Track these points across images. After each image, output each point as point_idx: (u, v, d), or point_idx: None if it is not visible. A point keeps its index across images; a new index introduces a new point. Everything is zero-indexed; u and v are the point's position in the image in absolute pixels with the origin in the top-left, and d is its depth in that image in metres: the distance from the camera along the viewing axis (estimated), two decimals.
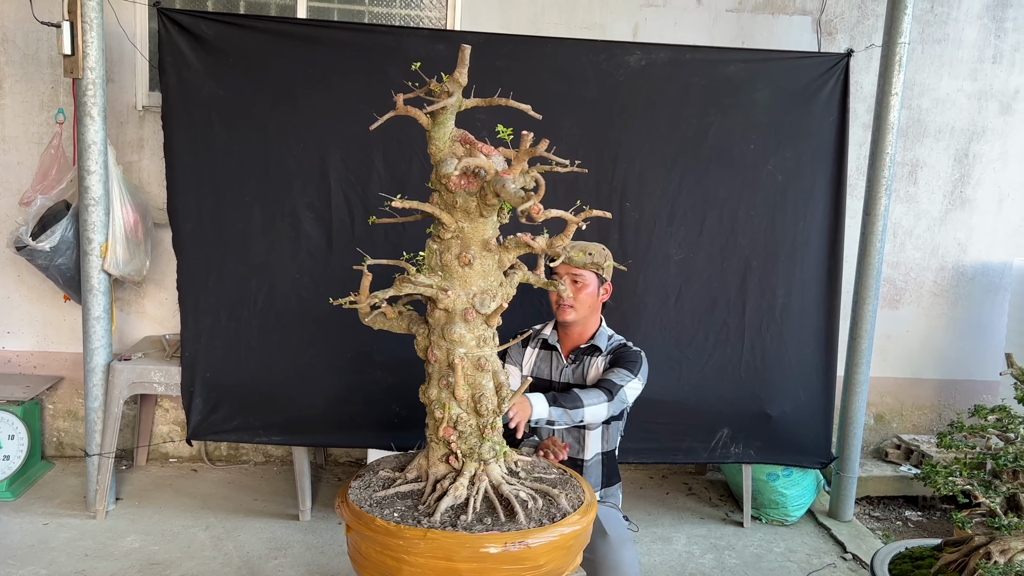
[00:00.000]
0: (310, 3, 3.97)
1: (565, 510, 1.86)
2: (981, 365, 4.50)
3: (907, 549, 2.50)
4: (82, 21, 3.22)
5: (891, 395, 4.54)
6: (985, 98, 4.33)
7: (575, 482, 2.05)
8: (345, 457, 4.30)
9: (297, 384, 3.52)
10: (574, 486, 2.02)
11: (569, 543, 1.82)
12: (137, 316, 4.07)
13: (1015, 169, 4.41)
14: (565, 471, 2.13)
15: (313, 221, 3.48)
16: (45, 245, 3.51)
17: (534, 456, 2.18)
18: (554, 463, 2.21)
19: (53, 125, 3.85)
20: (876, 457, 4.44)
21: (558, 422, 2.42)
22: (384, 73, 3.42)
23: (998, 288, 4.48)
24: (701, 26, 4.11)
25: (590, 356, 2.68)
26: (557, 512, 1.85)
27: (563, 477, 2.08)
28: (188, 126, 3.39)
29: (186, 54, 3.35)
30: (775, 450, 3.72)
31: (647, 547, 3.52)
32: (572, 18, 4.04)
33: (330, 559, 3.27)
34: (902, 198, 4.35)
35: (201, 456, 4.20)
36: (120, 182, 3.51)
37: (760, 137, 3.60)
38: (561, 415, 2.41)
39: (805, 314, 3.71)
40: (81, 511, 3.55)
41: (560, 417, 2.41)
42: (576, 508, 1.88)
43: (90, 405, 3.49)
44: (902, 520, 4.07)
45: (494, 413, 1.92)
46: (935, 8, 4.23)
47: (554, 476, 2.07)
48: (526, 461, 2.07)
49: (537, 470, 2.07)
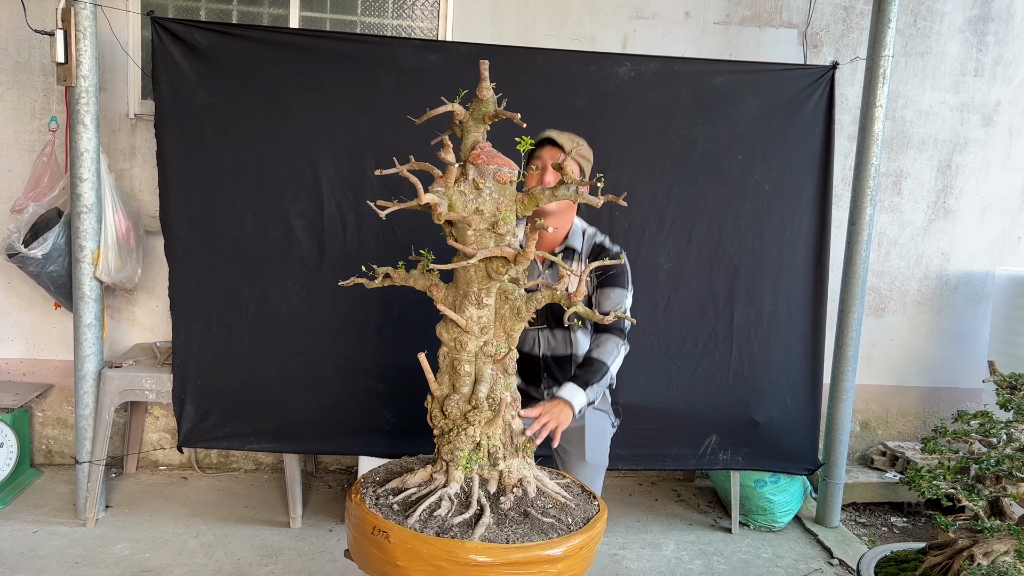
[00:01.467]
0: (303, 13, 4.00)
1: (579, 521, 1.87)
2: (964, 372, 4.56)
3: (892, 552, 2.53)
4: (75, 29, 3.23)
5: (876, 402, 4.59)
6: (967, 110, 4.41)
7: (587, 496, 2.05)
8: (336, 464, 4.30)
9: (288, 391, 3.53)
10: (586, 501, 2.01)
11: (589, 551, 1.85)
12: (128, 323, 4.07)
13: (996, 180, 4.48)
14: (574, 482, 2.13)
15: (305, 229, 3.50)
16: (37, 252, 3.51)
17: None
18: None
19: (45, 132, 3.86)
20: (862, 464, 4.49)
21: (598, 399, 2.45)
22: (376, 83, 3.46)
23: (981, 297, 4.54)
24: (689, 38, 4.16)
25: (568, 260, 2.61)
26: (572, 521, 1.87)
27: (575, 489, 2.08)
28: (181, 134, 3.41)
29: (179, 63, 3.37)
30: (763, 457, 3.76)
31: (636, 553, 3.55)
32: (562, 29, 4.08)
33: (321, 566, 3.28)
34: (887, 208, 4.41)
35: (191, 464, 4.19)
36: (112, 190, 3.52)
37: (747, 147, 3.65)
38: (598, 391, 2.44)
39: (792, 322, 3.75)
40: (71, 519, 3.54)
41: (599, 394, 2.45)
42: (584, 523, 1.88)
43: (80, 412, 3.48)
44: (888, 526, 4.11)
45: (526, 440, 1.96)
46: (918, 22, 4.30)
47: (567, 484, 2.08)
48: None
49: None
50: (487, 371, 1.88)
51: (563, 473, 2.19)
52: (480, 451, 1.87)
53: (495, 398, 1.88)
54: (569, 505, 1.91)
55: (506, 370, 1.92)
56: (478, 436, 1.87)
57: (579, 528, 1.83)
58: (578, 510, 1.91)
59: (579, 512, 1.90)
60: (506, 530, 1.76)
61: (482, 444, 1.87)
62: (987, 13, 4.35)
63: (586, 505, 1.96)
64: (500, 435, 1.88)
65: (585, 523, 1.86)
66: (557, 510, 1.88)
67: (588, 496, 2.03)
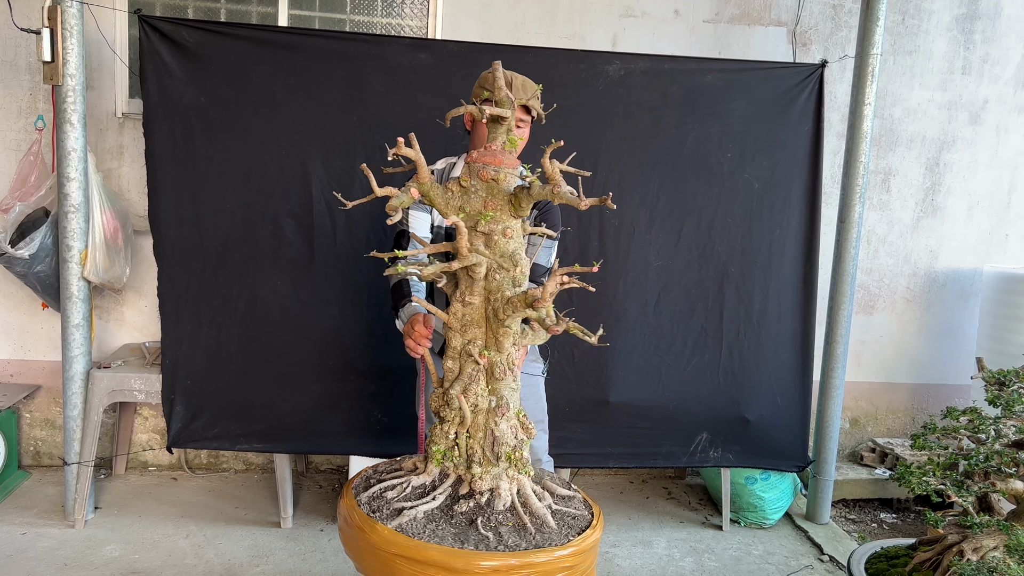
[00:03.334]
0: (291, 11, 3.99)
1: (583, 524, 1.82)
2: (953, 369, 4.58)
3: (883, 549, 2.55)
4: (62, 28, 3.21)
5: (866, 399, 4.61)
6: (955, 108, 4.43)
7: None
8: (326, 464, 4.29)
9: (278, 391, 3.51)
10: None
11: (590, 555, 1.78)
12: (117, 324, 4.04)
13: (984, 178, 4.51)
14: (570, 486, 2.04)
15: (295, 228, 3.49)
16: (24, 252, 3.48)
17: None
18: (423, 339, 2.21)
19: (32, 132, 3.83)
20: (852, 460, 4.50)
21: None
22: (366, 81, 3.45)
23: (969, 294, 4.57)
24: (679, 36, 4.17)
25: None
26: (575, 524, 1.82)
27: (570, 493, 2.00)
28: (169, 133, 3.39)
29: (167, 61, 3.35)
30: (753, 454, 3.78)
31: (628, 551, 3.55)
32: (552, 28, 4.08)
33: (312, 566, 3.27)
34: (875, 206, 4.43)
35: (181, 464, 4.17)
36: (100, 189, 3.50)
37: (737, 146, 3.66)
38: None
39: (781, 320, 3.77)
40: (59, 520, 3.51)
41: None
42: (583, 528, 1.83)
43: (69, 413, 3.46)
44: (877, 522, 4.13)
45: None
46: (906, 20, 4.32)
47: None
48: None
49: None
50: (468, 370, 1.87)
51: (575, 495, 1.98)
52: (458, 451, 1.87)
53: (475, 401, 1.85)
54: (530, 529, 1.73)
55: (492, 374, 1.86)
56: (453, 434, 1.87)
57: (509, 550, 1.66)
58: (544, 537, 1.72)
59: (544, 539, 1.71)
60: (427, 527, 1.72)
61: (460, 444, 1.86)
62: (974, 11, 4.37)
63: (560, 536, 1.74)
64: (481, 439, 1.86)
65: (526, 549, 1.68)
66: (512, 531, 1.73)
67: (575, 531, 1.79)
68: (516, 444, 1.88)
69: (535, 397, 2.67)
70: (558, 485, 1.98)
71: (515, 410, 1.89)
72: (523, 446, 1.89)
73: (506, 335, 1.84)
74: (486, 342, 1.87)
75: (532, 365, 2.70)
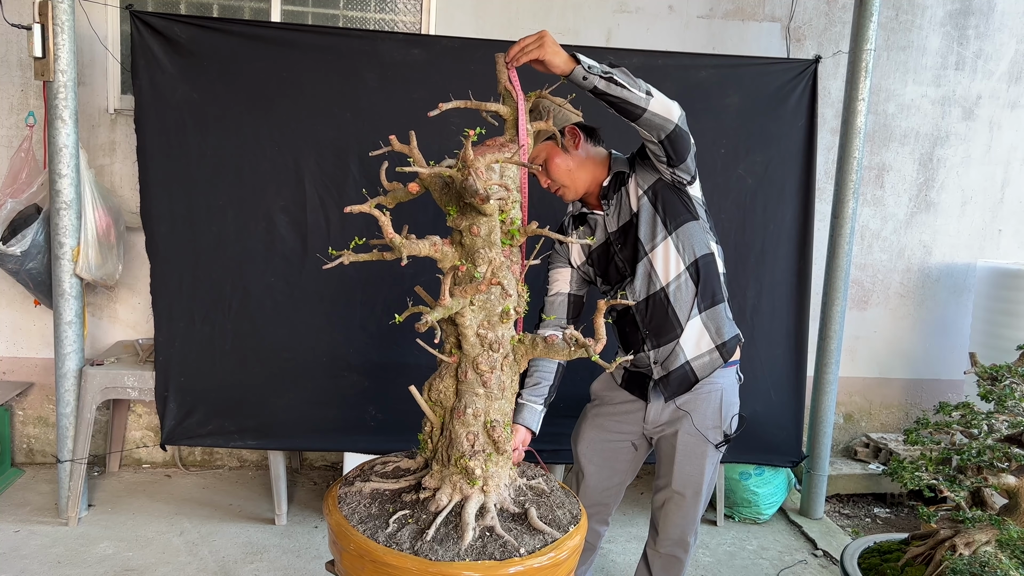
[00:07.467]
0: (284, 7, 3.97)
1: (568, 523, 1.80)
2: (946, 364, 4.60)
3: (876, 543, 2.56)
4: (53, 24, 3.19)
5: (860, 394, 4.62)
6: (948, 104, 4.44)
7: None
8: (320, 461, 4.28)
9: (272, 388, 3.51)
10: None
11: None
12: (109, 321, 4.03)
13: (977, 173, 4.52)
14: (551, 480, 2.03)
15: (288, 224, 3.48)
16: (16, 249, 3.47)
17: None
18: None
19: (23, 128, 3.81)
20: (845, 456, 4.52)
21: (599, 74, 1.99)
22: (359, 77, 3.44)
23: (962, 289, 4.58)
24: (673, 32, 4.16)
25: (621, 185, 2.33)
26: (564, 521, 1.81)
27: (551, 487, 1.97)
28: (161, 129, 3.38)
29: (159, 57, 3.33)
30: (747, 449, 3.77)
31: (623, 546, 3.56)
32: (546, 23, 4.07)
33: (307, 563, 3.26)
34: (869, 201, 4.44)
35: (175, 461, 4.16)
36: (92, 186, 3.49)
37: (730, 141, 3.66)
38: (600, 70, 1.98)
39: (775, 315, 3.77)
40: (53, 518, 3.50)
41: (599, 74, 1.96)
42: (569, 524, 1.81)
43: (62, 411, 3.45)
44: (871, 517, 4.14)
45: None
46: (900, 16, 4.32)
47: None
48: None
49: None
50: (441, 367, 1.91)
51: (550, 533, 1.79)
52: (431, 444, 1.93)
53: (438, 398, 1.89)
54: (437, 538, 1.67)
55: (466, 376, 1.83)
56: (427, 427, 1.94)
57: (396, 548, 1.65)
58: (444, 551, 1.64)
59: (434, 555, 1.63)
60: (372, 506, 1.82)
61: (433, 437, 1.92)
62: (968, 7, 4.37)
63: (454, 557, 1.63)
64: (442, 438, 1.88)
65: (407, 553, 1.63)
66: (415, 534, 1.70)
67: (489, 558, 1.64)
68: (472, 453, 1.79)
69: (697, 464, 2.27)
70: (542, 521, 1.78)
71: (484, 420, 1.82)
72: (483, 458, 1.79)
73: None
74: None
75: (712, 432, 2.28)
